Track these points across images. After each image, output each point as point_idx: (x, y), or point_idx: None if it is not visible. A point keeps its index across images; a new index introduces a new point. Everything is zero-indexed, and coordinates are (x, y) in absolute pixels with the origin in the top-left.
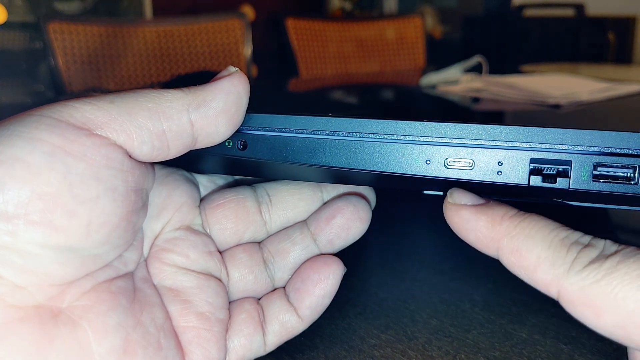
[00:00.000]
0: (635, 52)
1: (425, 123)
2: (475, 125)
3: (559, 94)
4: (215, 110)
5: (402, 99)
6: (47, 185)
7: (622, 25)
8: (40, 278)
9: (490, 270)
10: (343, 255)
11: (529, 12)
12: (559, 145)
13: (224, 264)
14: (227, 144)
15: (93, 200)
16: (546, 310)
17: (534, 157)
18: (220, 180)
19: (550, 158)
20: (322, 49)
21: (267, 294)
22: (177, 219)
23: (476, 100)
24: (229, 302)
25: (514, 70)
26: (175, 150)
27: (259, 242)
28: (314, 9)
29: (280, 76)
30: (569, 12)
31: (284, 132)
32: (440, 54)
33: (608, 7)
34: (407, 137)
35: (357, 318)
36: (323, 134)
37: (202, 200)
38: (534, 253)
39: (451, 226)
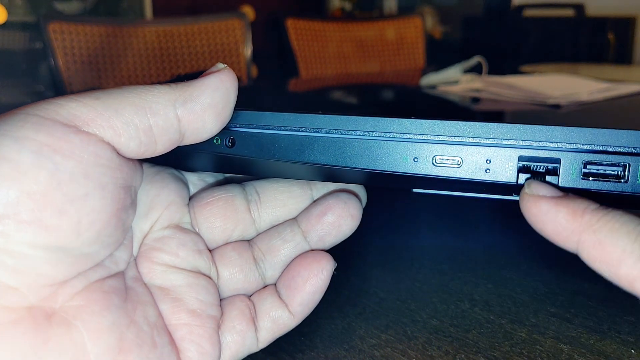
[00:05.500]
0: (635, 52)
1: (413, 120)
2: (463, 122)
3: (559, 94)
4: (203, 106)
5: (401, 99)
6: (36, 184)
7: (622, 25)
8: (32, 278)
9: (490, 270)
10: (344, 255)
11: (529, 12)
12: (548, 143)
13: (213, 262)
14: (215, 141)
15: (82, 198)
16: (546, 310)
17: (523, 154)
18: (210, 178)
19: (538, 156)
20: (322, 49)
21: (258, 290)
22: (166, 218)
23: (476, 100)
24: (220, 300)
25: (514, 70)
26: (163, 146)
27: (248, 240)
28: (314, 9)
29: (281, 76)
30: (569, 12)
31: (272, 129)
32: (440, 54)
33: (608, 7)
34: (394, 135)
35: (357, 318)
36: (311, 132)
37: (191, 198)
38: (618, 247)
39: (527, 218)
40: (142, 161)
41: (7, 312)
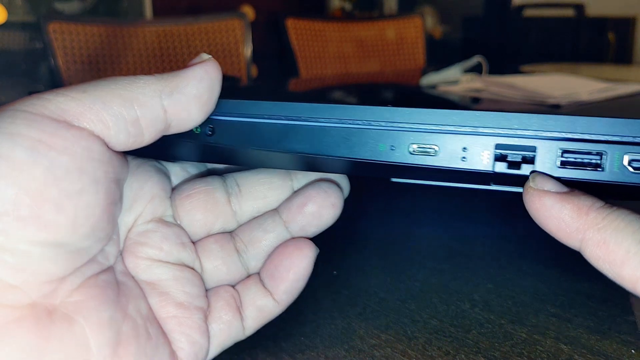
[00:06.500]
0: (635, 52)
1: (389, 108)
2: (439, 110)
3: (559, 94)
4: (188, 97)
5: (401, 99)
6: (33, 181)
7: (622, 25)
8: (32, 276)
9: (490, 270)
10: (344, 255)
11: (529, 12)
12: (524, 131)
13: (197, 255)
14: (195, 129)
15: (78, 193)
16: (546, 310)
17: (499, 142)
18: (192, 168)
19: (515, 144)
20: (322, 49)
21: (243, 280)
22: (149, 211)
23: (476, 100)
24: (206, 290)
25: (514, 70)
26: (149, 137)
27: (230, 232)
28: (314, 9)
29: (281, 76)
30: (569, 12)
31: (250, 117)
32: (440, 54)
33: (608, 7)
34: (371, 123)
35: (357, 318)
36: (288, 120)
37: (173, 190)
38: (622, 247)
39: (531, 212)
40: (127, 153)
41: (9, 311)
